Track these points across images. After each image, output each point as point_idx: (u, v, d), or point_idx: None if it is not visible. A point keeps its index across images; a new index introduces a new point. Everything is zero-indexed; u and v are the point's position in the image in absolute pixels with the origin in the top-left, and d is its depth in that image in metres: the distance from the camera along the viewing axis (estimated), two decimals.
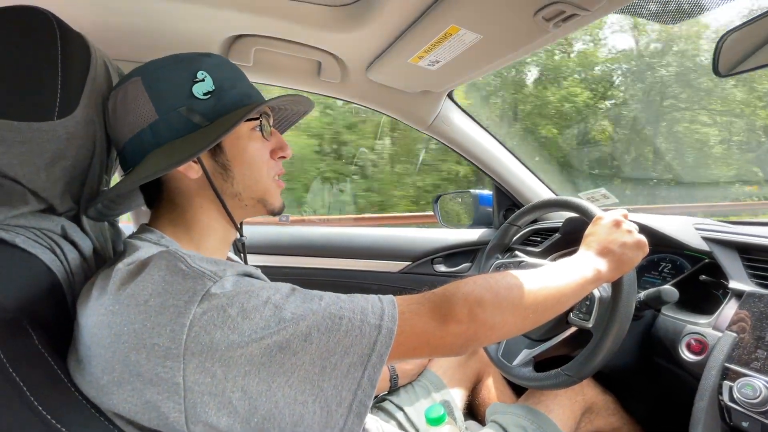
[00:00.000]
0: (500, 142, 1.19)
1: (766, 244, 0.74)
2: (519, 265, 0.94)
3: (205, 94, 0.51)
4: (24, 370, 0.38)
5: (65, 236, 0.49)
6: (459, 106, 1.11)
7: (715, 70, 0.65)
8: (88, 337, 0.40)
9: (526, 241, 1.19)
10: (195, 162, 0.51)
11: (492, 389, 1.02)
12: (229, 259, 0.66)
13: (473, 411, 1.03)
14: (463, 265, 1.31)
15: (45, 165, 0.46)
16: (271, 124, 0.58)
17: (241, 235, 0.61)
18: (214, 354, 0.37)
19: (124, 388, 0.37)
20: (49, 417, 0.37)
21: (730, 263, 0.75)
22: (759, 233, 0.77)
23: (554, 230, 1.07)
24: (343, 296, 0.45)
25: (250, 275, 0.45)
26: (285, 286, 0.44)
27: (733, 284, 0.72)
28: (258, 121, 0.54)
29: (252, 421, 0.38)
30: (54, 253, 0.47)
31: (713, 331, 0.70)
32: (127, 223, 1.14)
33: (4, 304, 0.40)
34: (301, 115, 0.68)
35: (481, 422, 0.99)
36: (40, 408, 0.37)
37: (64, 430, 0.37)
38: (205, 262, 0.42)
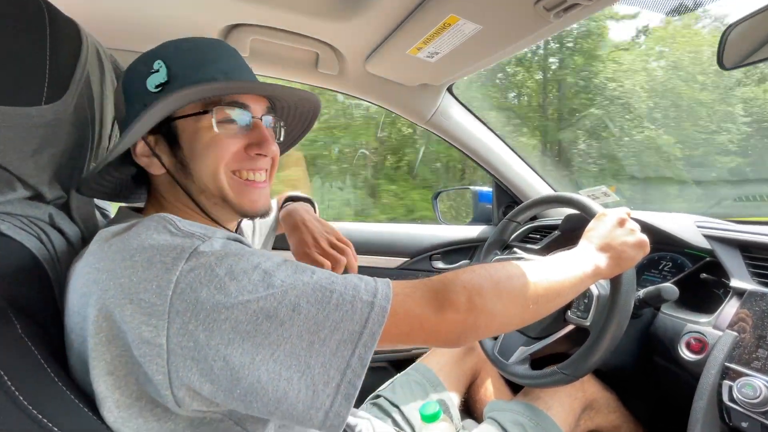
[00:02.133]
0: (500, 138, 1.17)
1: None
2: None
3: (156, 87, 0.48)
4: (5, 358, 0.37)
5: (53, 224, 0.49)
6: (459, 101, 1.10)
7: (720, 63, 0.63)
8: (77, 300, 0.40)
9: (526, 238, 1.17)
10: (150, 156, 0.50)
11: (488, 386, 1.01)
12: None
13: (469, 408, 1.02)
14: (462, 261, 1.30)
15: (33, 151, 0.45)
16: (257, 115, 0.53)
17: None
18: (198, 314, 0.36)
19: (111, 347, 0.37)
20: (29, 406, 0.36)
21: (732, 261, 0.74)
22: (761, 231, 0.76)
23: (554, 227, 1.06)
24: (336, 274, 0.43)
25: (240, 241, 0.44)
26: (276, 256, 0.42)
27: (734, 283, 0.71)
28: (208, 114, 0.49)
29: (234, 392, 0.36)
30: (41, 240, 0.46)
31: (713, 330, 0.69)
32: None
33: None
34: (313, 115, 0.63)
35: (477, 419, 0.98)
36: (21, 397, 0.36)
37: (44, 420, 0.36)
38: (195, 226, 0.42)
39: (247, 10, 0.75)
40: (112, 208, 0.69)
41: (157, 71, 0.48)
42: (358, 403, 0.91)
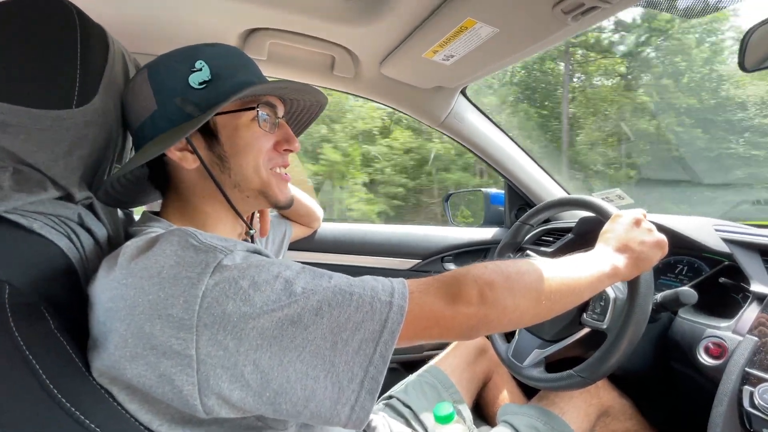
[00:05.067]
0: (513, 140, 1.17)
1: None
2: None
3: (200, 84, 0.51)
4: (40, 354, 0.38)
5: (82, 224, 0.50)
6: (472, 103, 1.10)
7: (741, 65, 0.63)
8: (102, 313, 0.41)
9: (538, 240, 1.17)
10: (191, 152, 0.51)
11: (501, 390, 1.00)
12: None
13: (481, 411, 1.02)
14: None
15: (63, 153, 0.47)
16: (280, 116, 0.58)
17: (250, 228, 0.61)
18: (226, 326, 0.37)
19: (138, 362, 0.38)
20: (64, 401, 0.38)
21: (752, 266, 0.73)
22: None
23: (567, 230, 1.05)
24: (352, 277, 0.44)
25: (259, 252, 0.45)
26: (295, 264, 0.44)
27: (755, 287, 0.70)
28: (255, 111, 0.53)
29: (264, 395, 0.38)
30: (70, 239, 0.47)
31: (733, 335, 0.68)
32: None
33: (21, 288, 0.41)
34: (318, 110, 0.67)
35: (490, 423, 0.97)
36: (56, 391, 0.38)
37: (78, 413, 0.38)
38: (215, 239, 0.43)
39: (266, 15, 0.76)
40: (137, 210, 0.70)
41: (200, 70, 0.51)
42: None
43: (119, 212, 0.63)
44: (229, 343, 0.37)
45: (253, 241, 0.70)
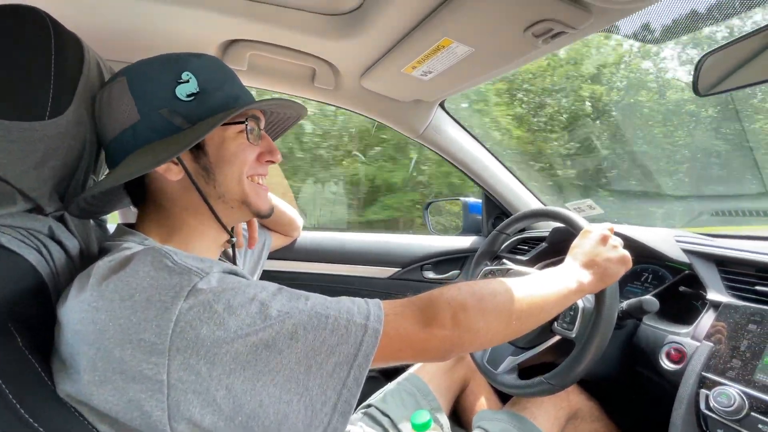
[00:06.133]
0: (490, 152, 1.21)
1: (741, 257, 0.76)
2: (507, 272, 0.96)
3: (188, 96, 0.50)
4: (7, 372, 0.37)
5: (52, 236, 0.49)
6: (451, 116, 1.13)
7: (695, 90, 0.67)
8: (70, 335, 0.40)
9: (515, 249, 1.21)
10: (175, 164, 0.51)
11: (478, 396, 1.03)
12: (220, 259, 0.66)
13: (459, 418, 1.03)
14: (452, 272, 1.33)
15: (35, 165, 0.46)
16: (262, 127, 0.58)
17: (232, 237, 0.61)
18: (199, 350, 0.37)
19: (106, 387, 0.37)
20: (32, 421, 0.37)
21: (708, 275, 0.78)
22: (736, 246, 0.80)
23: (541, 239, 1.09)
24: (329, 298, 0.45)
25: (235, 273, 0.45)
26: (271, 285, 0.44)
27: (711, 295, 0.75)
28: (243, 125, 0.54)
29: (236, 419, 0.38)
30: (40, 253, 0.46)
31: (692, 340, 0.72)
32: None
33: None
34: (295, 120, 0.69)
35: (467, 429, 0.99)
36: (23, 411, 0.37)
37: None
38: (190, 259, 0.42)
39: (247, 27, 0.76)
40: (110, 216, 0.69)
41: (187, 81, 0.51)
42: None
43: (91, 221, 0.62)
44: (202, 367, 0.37)
45: (234, 250, 0.70)
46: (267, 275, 1.16)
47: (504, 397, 1.01)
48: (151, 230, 0.54)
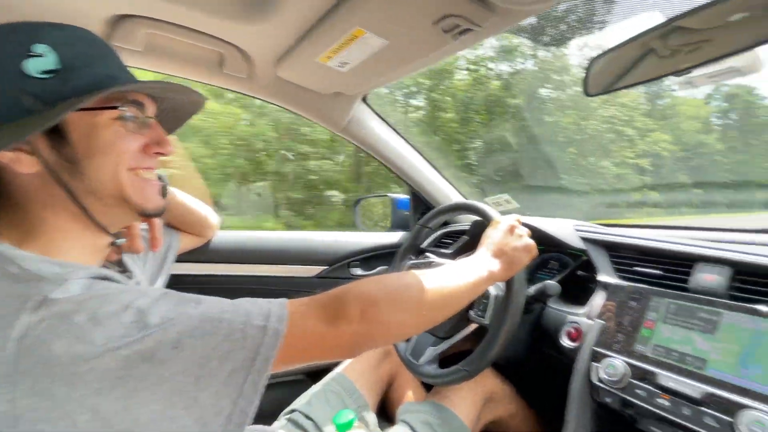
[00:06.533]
0: (414, 147, 1.23)
1: (628, 243, 0.86)
2: (430, 265, 0.98)
3: (43, 73, 0.43)
4: None
5: None
6: (374, 111, 1.12)
7: (585, 91, 0.74)
8: None
9: (439, 243, 1.24)
10: (27, 153, 0.43)
11: (405, 389, 1.04)
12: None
13: (387, 412, 1.04)
14: (380, 268, 1.33)
15: None
16: (150, 114, 0.51)
17: (116, 239, 0.54)
18: (52, 370, 0.31)
19: None
20: None
21: (600, 259, 0.87)
22: (625, 233, 0.90)
23: (463, 232, 1.13)
24: (226, 300, 0.42)
25: (108, 278, 0.40)
26: (154, 290, 0.39)
27: (601, 277, 0.83)
28: (117, 111, 0.46)
29: None
30: None
31: (587, 319, 0.79)
32: None
33: None
34: (195, 108, 0.62)
35: (396, 422, 1.00)
36: None
37: None
38: (45, 264, 0.37)
39: (140, 2, 0.68)
40: None
41: (41, 56, 0.42)
42: (273, 419, 0.88)
43: None
44: (57, 390, 0.31)
45: (121, 254, 0.62)
46: (177, 279, 1.05)
47: (429, 389, 1.03)
48: (1, 232, 0.45)
